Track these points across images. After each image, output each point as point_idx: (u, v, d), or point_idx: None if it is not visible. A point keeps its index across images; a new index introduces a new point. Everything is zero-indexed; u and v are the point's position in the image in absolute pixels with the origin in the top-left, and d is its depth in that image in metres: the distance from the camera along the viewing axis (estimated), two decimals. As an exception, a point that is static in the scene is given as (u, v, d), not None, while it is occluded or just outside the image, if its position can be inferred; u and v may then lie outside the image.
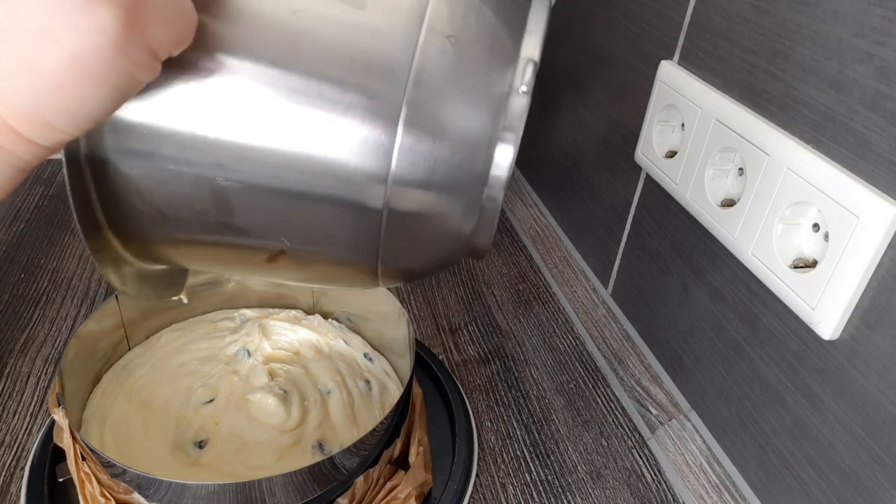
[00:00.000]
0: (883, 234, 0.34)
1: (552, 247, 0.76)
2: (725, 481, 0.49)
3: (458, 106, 0.24)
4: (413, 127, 0.23)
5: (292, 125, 0.23)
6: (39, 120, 0.17)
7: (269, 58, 0.22)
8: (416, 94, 0.23)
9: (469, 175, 0.25)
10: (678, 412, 0.54)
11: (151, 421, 0.48)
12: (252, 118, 0.23)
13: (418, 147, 0.23)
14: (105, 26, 0.16)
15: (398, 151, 0.23)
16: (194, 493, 0.38)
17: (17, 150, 0.18)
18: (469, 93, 0.24)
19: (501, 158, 0.25)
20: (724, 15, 0.45)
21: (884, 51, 0.34)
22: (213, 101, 0.22)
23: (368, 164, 0.23)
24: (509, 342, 0.64)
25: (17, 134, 0.18)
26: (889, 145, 0.34)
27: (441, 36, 0.23)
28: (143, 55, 0.18)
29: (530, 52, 0.25)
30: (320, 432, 0.48)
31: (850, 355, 0.37)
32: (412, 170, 0.24)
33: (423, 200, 0.25)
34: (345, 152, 0.23)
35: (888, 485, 0.36)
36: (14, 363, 0.57)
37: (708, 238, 0.49)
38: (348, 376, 0.53)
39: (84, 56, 0.17)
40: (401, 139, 0.23)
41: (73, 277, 0.68)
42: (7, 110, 0.17)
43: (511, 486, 0.50)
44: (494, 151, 0.25)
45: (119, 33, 0.17)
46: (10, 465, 0.48)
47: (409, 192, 0.24)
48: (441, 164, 0.24)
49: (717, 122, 0.45)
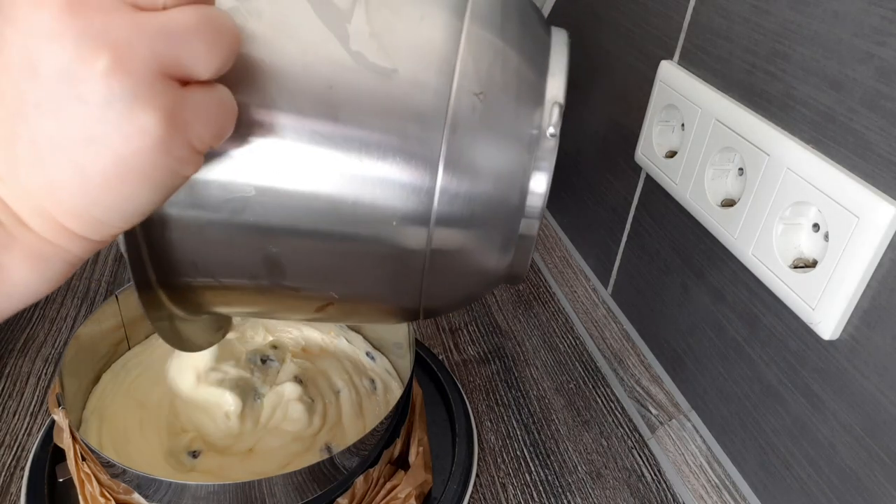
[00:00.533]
0: (883, 234, 0.34)
1: (552, 247, 0.76)
2: (725, 481, 0.49)
3: (491, 149, 0.25)
4: (452, 169, 0.24)
5: (341, 176, 0.24)
6: (90, 218, 0.18)
7: (314, 116, 0.23)
8: (452, 142, 0.24)
9: (506, 208, 0.26)
10: (678, 412, 0.54)
11: (147, 420, 0.48)
12: (302, 175, 0.24)
13: (458, 187, 0.25)
14: (148, 129, 0.17)
15: (439, 192, 0.25)
16: (194, 494, 0.38)
17: (69, 247, 0.19)
18: (501, 138, 0.25)
19: (536, 187, 0.26)
20: (724, 15, 0.45)
21: (884, 51, 0.34)
22: (261, 158, 0.23)
23: (412, 205, 0.25)
24: (509, 342, 0.64)
25: (70, 232, 0.19)
26: (889, 145, 0.34)
27: (470, 94, 0.25)
28: (186, 152, 0.19)
29: (555, 94, 0.26)
30: (331, 435, 0.48)
31: (850, 355, 0.37)
32: (453, 208, 0.25)
33: (463, 237, 0.26)
34: (391, 196, 0.24)
35: (888, 485, 0.36)
36: (14, 363, 0.57)
37: (708, 238, 0.49)
38: (354, 375, 0.53)
39: (130, 158, 0.18)
40: (441, 181, 0.24)
41: (73, 277, 0.68)
42: (60, 211, 0.18)
43: (511, 486, 0.50)
44: (529, 184, 0.26)
45: (161, 135, 0.18)
46: (10, 465, 0.48)
47: (451, 231, 0.25)
48: (479, 201, 0.25)
49: (717, 122, 0.45)
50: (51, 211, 0.18)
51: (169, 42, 0.18)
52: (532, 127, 0.26)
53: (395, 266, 0.26)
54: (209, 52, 0.19)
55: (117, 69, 0.17)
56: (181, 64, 0.18)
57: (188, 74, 0.19)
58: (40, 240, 0.19)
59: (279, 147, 0.23)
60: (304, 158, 0.23)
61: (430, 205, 0.25)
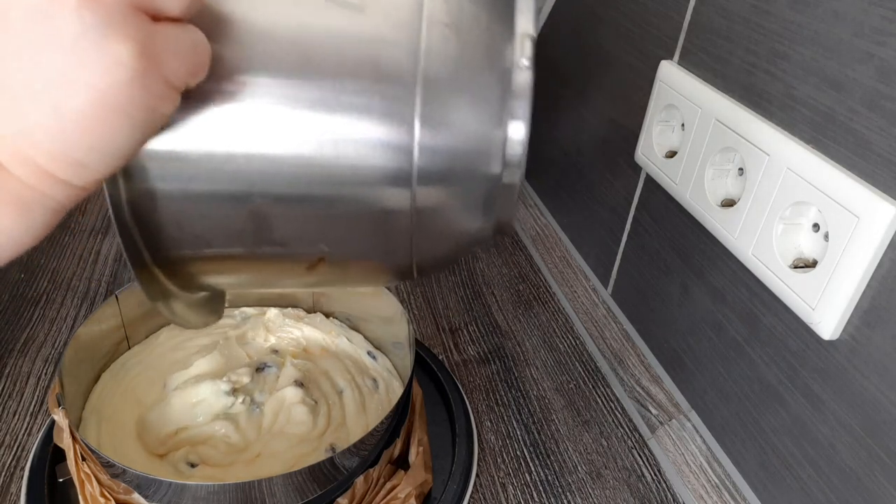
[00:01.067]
0: (883, 234, 0.34)
1: (552, 247, 0.76)
2: (725, 481, 0.49)
3: (467, 92, 0.25)
4: (429, 122, 0.24)
5: (314, 136, 0.24)
6: (70, 160, 0.18)
7: (285, 74, 0.23)
8: (426, 87, 0.24)
9: (487, 158, 0.25)
10: (678, 412, 0.54)
11: (146, 410, 0.48)
12: (276, 134, 0.24)
13: (436, 140, 0.24)
14: (123, 60, 0.17)
15: (418, 148, 0.24)
16: (194, 494, 0.38)
17: (52, 192, 0.19)
18: (475, 78, 0.25)
19: (515, 133, 0.25)
20: (724, 15, 0.45)
21: (884, 51, 0.34)
22: (238, 123, 0.23)
23: (391, 163, 0.24)
24: (509, 342, 0.64)
25: (51, 176, 0.18)
26: (889, 145, 0.34)
27: (441, 25, 0.24)
28: (162, 87, 0.19)
29: (525, 27, 0.26)
30: (335, 435, 0.48)
31: (850, 355, 0.37)
32: (434, 162, 0.25)
33: (447, 191, 0.26)
34: (369, 154, 0.24)
35: (888, 485, 0.36)
36: (14, 363, 0.57)
37: (708, 238, 0.49)
38: (357, 375, 0.53)
39: (106, 94, 0.17)
40: (419, 135, 0.24)
41: (73, 277, 0.68)
42: (39, 154, 0.18)
43: (511, 486, 0.50)
44: (507, 130, 0.25)
45: (136, 66, 0.18)
46: (10, 465, 0.48)
47: (434, 186, 0.25)
48: (460, 151, 0.25)
49: (717, 122, 0.45)
50: (31, 155, 0.18)
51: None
52: (505, 63, 0.25)
53: (381, 226, 0.26)
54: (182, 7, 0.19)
55: (88, 1, 0.17)
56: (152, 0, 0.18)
57: (159, 10, 0.19)
58: (22, 186, 0.18)
59: (253, 105, 0.23)
60: (278, 114, 0.23)
61: (410, 163, 0.24)
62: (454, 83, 0.25)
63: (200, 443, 0.46)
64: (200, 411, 0.47)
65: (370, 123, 0.24)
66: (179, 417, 0.47)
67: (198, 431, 0.46)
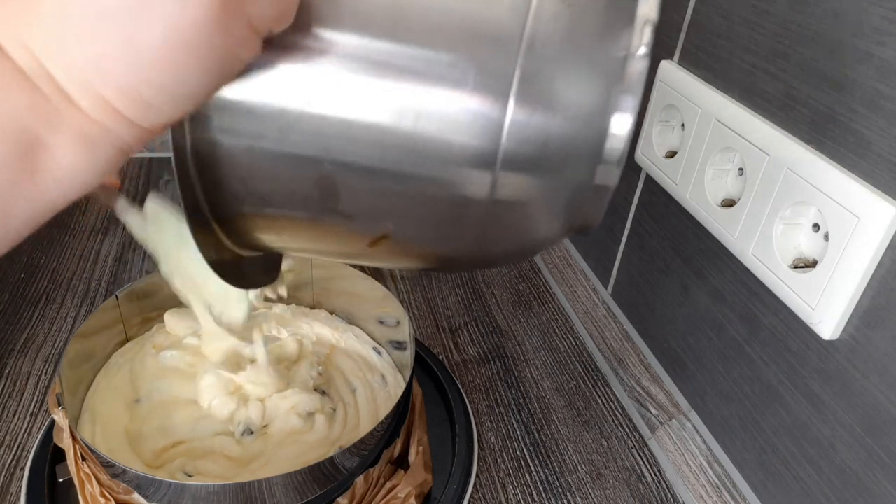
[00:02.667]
0: (883, 234, 0.34)
1: (552, 247, 0.76)
2: (725, 481, 0.49)
3: (572, 74, 0.22)
4: (525, 100, 0.22)
5: (398, 102, 0.22)
6: (139, 99, 0.17)
7: (374, 31, 0.21)
8: (528, 62, 0.21)
9: (584, 148, 0.23)
10: (678, 412, 0.54)
11: (139, 417, 0.47)
12: (357, 96, 0.22)
13: (530, 121, 0.22)
14: (201, 5, 0.16)
15: (508, 127, 0.22)
16: (194, 494, 0.38)
17: (119, 131, 0.18)
18: (585, 59, 0.22)
19: (618, 128, 0.23)
20: (724, 15, 0.45)
21: (884, 51, 0.34)
22: (318, 81, 0.22)
23: (477, 141, 0.22)
24: (509, 342, 0.64)
25: (118, 113, 0.17)
26: (889, 145, 0.34)
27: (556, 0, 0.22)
28: (244, 30, 0.18)
29: (647, 11, 0.24)
30: (348, 438, 0.47)
31: (850, 355, 0.37)
32: (523, 147, 0.22)
33: (533, 182, 0.23)
34: (452, 129, 0.22)
35: (888, 485, 0.36)
36: (14, 363, 0.57)
37: (708, 238, 0.49)
38: (367, 371, 0.53)
39: (183, 30, 0.16)
40: (512, 113, 0.22)
41: (73, 277, 0.68)
42: (107, 87, 0.17)
43: (511, 486, 0.50)
44: (610, 121, 0.23)
45: (219, 5, 0.16)
46: (10, 465, 0.48)
47: (519, 173, 0.22)
48: (554, 139, 0.22)
49: (717, 122, 0.45)
50: (98, 88, 0.17)
51: None
52: (620, 49, 0.23)
53: (454, 211, 0.23)
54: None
55: None
56: None
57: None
58: (89, 120, 0.17)
59: (335, 64, 0.21)
60: (360, 78, 0.21)
61: (497, 143, 0.22)
62: (560, 60, 0.22)
63: (199, 457, 0.45)
64: (203, 426, 0.46)
65: (461, 93, 0.21)
66: (178, 431, 0.46)
67: (198, 445, 0.46)
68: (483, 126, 0.22)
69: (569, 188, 0.24)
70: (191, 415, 0.47)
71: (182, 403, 0.48)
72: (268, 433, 0.46)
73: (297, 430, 0.46)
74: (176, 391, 0.49)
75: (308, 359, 0.52)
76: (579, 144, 0.22)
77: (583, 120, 0.22)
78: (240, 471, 0.44)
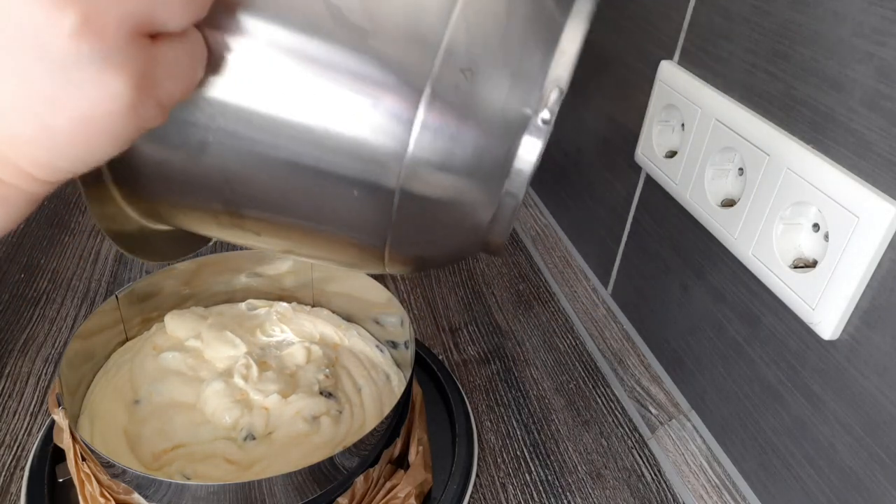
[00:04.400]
0: (883, 234, 0.34)
1: (552, 247, 0.76)
2: (725, 481, 0.49)
3: (488, 84, 0.22)
4: (437, 102, 0.22)
5: (308, 93, 0.22)
6: (52, 167, 0.18)
7: (293, 23, 0.21)
8: (445, 65, 0.21)
9: (490, 163, 0.23)
10: (678, 412, 0.54)
11: (138, 418, 0.47)
12: (267, 83, 0.22)
13: (440, 125, 0.22)
14: (118, 94, 0.17)
15: (418, 128, 0.22)
16: (194, 494, 0.38)
17: (31, 189, 0.19)
18: (502, 71, 0.22)
19: (527, 152, 0.23)
20: (724, 15, 0.45)
21: (884, 51, 0.34)
22: (232, 69, 0.21)
23: (385, 138, 0.22)
24: (509, 342, 0.64)
25: (32, 176, 0.19)
26: (889, 145, 0.34)
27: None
28: (153, 109, 0.19)
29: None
30: (353, 438, 0.47)
31: (850, 355, 0.37)
32: (431, 149, 0.22)
33: (439, 184, 0.23)
34: (362, 125, 0.22)
35: (888, 485, 0.36)
36: (14, 363, 0.57)
37: (708, 238, 0.49)
38: (371, 369, 0.53)
39: (98, 119, 0.17)
40: (423, 115, 0.22)
41: (73, 277, 0.68)
42: (24, 161, 0.18)
43: (511, 486, 0.50)
44: (521, 142, 0.23)
45: (131, 99, 0.17)
46: (10, 465, 0.48)
47: (426, 174, 0.23)
48: (462, 147, 0.22)
49: (717, 122, 0.45)
50: (14, 161, 0.18)
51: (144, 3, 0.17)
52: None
53: (361, 199, 0.24)
54: (186, 4, 0.18)
55: (87, 30, 0.16)
56: (155, 20, 0.17)
57: (161, 29, 0.18)
58: (3, 184, 0.18)
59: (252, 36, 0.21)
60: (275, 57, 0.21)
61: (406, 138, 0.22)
62: (477, 70, 0.22)
63: (199, 460, 0.45)
64: (203, 430, 0.46)
65: (373, 89, 0.21)
66: (178, 434, 0.46)
67: (198, 448, 0.45)
68: (393, 124, 0.22)
69: (474, 197, 0.24)
70: (191, 418, 0.47)
71: (182, 406, 0.48)
72: (271, 438, 0.46)
73: (302, 433, 0.46)
74: (176, 394, 0.49)
75: (315, 362, 0.52)
76: (487, 157, 0.23)
77: (493, 134, 0.23)
78: (240, 475, 0.44)
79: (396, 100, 0.22)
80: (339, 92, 0.22)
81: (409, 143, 0.22)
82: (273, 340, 0.55)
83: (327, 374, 0.51)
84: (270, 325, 0.55)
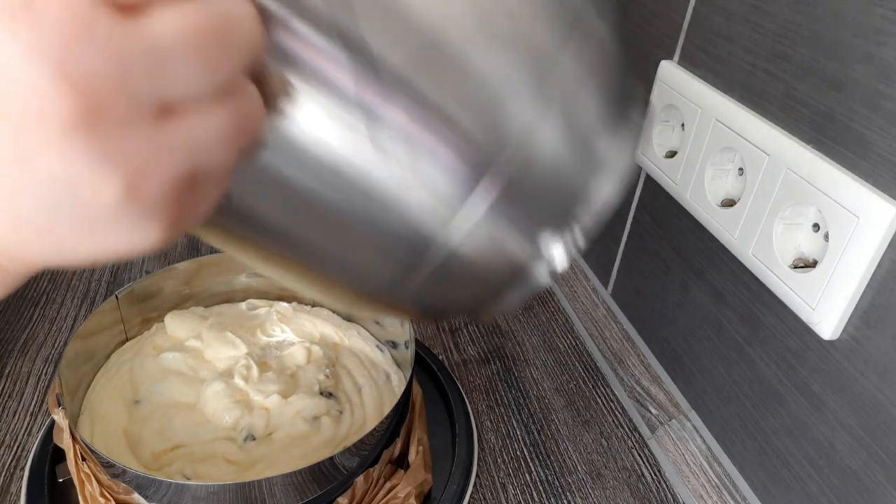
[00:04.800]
0: (883, 234, 0.34)
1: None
2: (725, 481, 0.49)
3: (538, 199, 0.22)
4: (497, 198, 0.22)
5: None
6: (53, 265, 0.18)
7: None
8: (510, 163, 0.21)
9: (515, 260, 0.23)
10: (678, 412, 0.54)
11: (138, 418, 0.47)
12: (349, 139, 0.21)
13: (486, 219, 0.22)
14: (149, 237, 0.16)
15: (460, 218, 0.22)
16: (194, 494, 0.38)
17: (22, 271, 0.19)
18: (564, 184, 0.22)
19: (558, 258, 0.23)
20: (724, 15, 0.45)
21: (884, 51, 0.34)
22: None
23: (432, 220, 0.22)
24: (509, 342, 0.64)
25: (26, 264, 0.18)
26: (889, 145, 0.34)
27: None
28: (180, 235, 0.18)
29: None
30: (353, 438, 0.47)
31: (850, 355, 0.37)
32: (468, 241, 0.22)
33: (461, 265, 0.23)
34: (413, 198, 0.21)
35: (888, 485, 0.36)
36: (14, 363, 0.57)
37: (708, 238, 0.49)
38: (371, 369, 0.53)
39: (121, 254, 0.17)
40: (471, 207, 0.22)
41: (73, 277, 0.68)
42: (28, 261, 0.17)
43: (511, 486, 0.50)
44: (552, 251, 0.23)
45: (162, 239, 0.17)
46: (10, 465, 0.48)
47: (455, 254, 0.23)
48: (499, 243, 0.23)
49: (717, 122, 0.45)
50: (17, 257, 0.17)
51: (191, 156, 0.16)
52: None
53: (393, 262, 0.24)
54: (229, 162, 0.17)
55: (130, 196, 0.15)
56: (198, 173, 0.17)
57: (203, 176, 0.17)
58: None
59: None
60: None
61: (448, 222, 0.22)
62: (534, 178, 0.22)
63: (199, 461, 0.45)
64: (203, 431, 0.46)
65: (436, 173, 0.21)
66: (178, 435, 0.46)
67: (198, 449, 0.45)
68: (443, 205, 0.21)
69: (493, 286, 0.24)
70: (191, 418, 0.47)
71: (182, 407, 0.48)
72: (272, 438, 0.46)
73: (302, 434, 0.46)
74: (176, 394, 0.49)
75: (316, 362, 0.52)
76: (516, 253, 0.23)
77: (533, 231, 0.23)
78: (241, 475, 0.44)
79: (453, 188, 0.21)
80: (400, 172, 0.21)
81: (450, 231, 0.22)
82: (273, 340, 0.55)
83: (327, 374, 0.51)
84: (270, 325, 0.55)
